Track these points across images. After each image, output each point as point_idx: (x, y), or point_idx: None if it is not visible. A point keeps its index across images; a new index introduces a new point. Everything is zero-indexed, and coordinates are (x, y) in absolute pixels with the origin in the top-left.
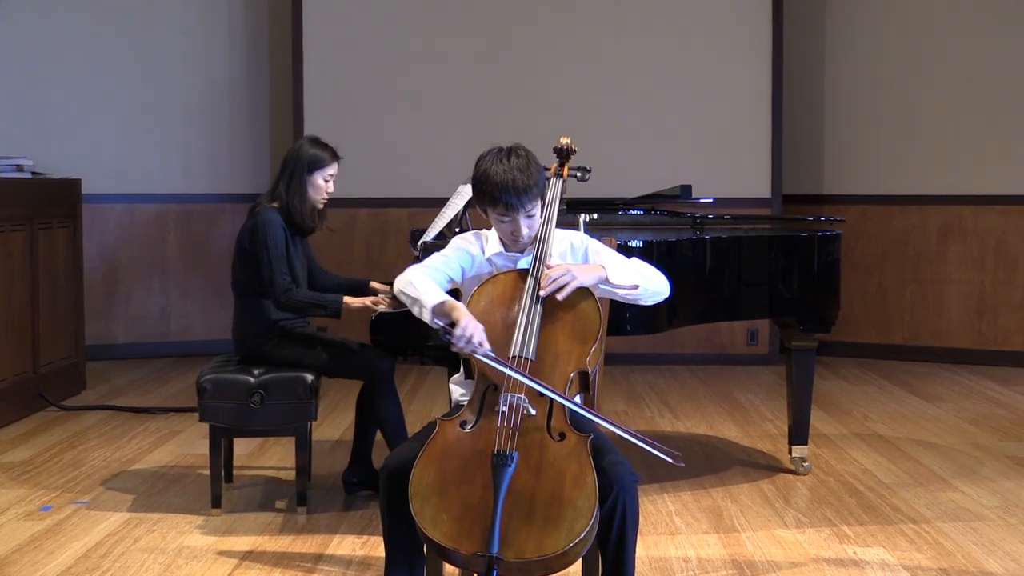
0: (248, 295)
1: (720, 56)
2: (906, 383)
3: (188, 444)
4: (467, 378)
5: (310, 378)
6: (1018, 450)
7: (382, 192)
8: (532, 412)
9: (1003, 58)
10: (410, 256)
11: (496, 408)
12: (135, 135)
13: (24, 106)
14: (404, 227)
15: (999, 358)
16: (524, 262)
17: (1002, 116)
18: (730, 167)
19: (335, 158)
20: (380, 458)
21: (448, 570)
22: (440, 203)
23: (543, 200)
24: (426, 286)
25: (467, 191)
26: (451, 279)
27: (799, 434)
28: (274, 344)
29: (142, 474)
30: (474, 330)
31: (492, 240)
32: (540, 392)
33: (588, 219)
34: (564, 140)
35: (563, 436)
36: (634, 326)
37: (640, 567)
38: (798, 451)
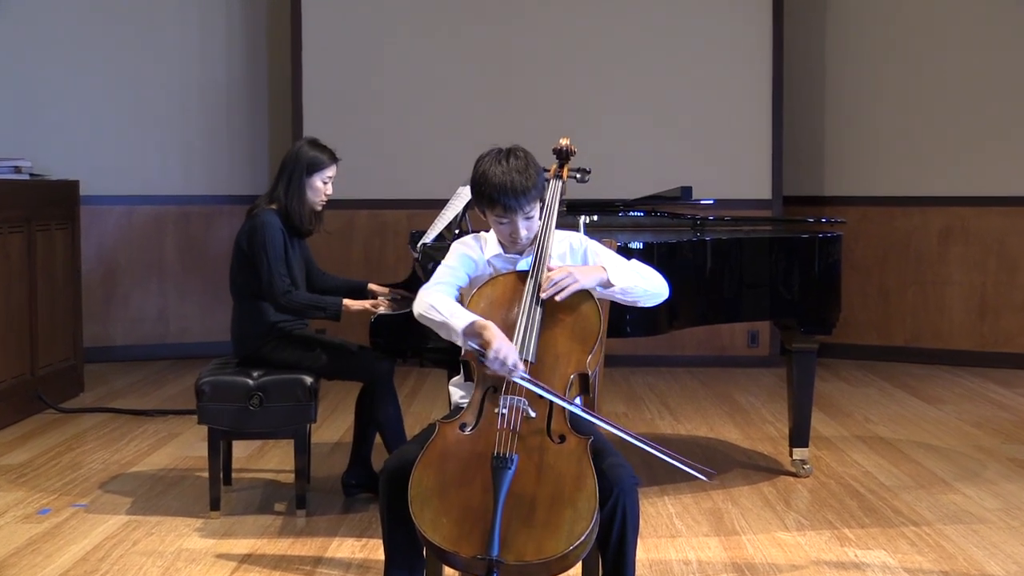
0: (247, 297)
1: (720, 57)
2: (907, 385)
3: (187, 446)
4: (467, 380)
5: (309, 380)
6: (1020, 452)
7: (381, 194)
8: (532, 414)
9: (1004, 59)
10: (409, 258)
11: (496, 410)
12: (133, 136)
13: (22, 107)
14: (403, 229)
15: (1001, 360)
16: (523, 264)
17: (1003, 117)
18: (731, 168)
19: (334, 160)
20: (379, 460)
21: (448, 573)
22: (439, 205)
23: (542, 201)
24: (450, 307)
25: (466, 193)
26: (460, 288)
27: (800, 436)
28: (273, 346)
29: (141, 477)
30: (507, 352)
31: (491, 242)
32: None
33: (588, 220)
34: (564, 141)
35: (563, 438)
36: (634, 328)
37: (640, 570)
38: (799, 453)
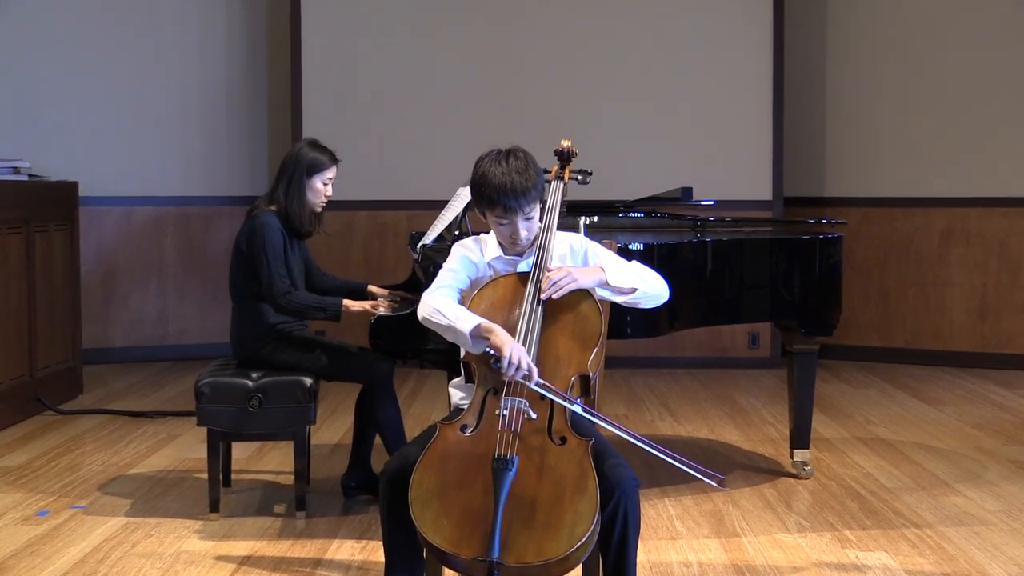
0: (246, 299)
1: (721, 58)
2: (908, 386)
3: (186, 448)
4: (467, 382)
5: (309, 382)
6: (1021, 454)
7: (381, 195)
8: (533, 416)
9: (1006, 59)
10: (409, 259)
11: (497, 412)
12: (133, 137)
13: (21, 108)
14: (403, 230)
15: (1002, 361)
16: (524, 265)
17: (1005, 118)
18: (731, 169)
19: (334, 161)
20: (379, 462)
21: (448, 575)
22: (439, 206)
23: (542, 202)
24: (455, 311)
25: (466, 194)
26: (462, 291)
27: (800, 438)
28: (272, 348)
29: (140, 478)
30: (520, 356)
31: (491, 244)
32: (543, 397)
33: (588, 222)
34: (565, 143)
35: (564, 440)
36: (635, 329)
37: (641, 572)
38: (800, 455)
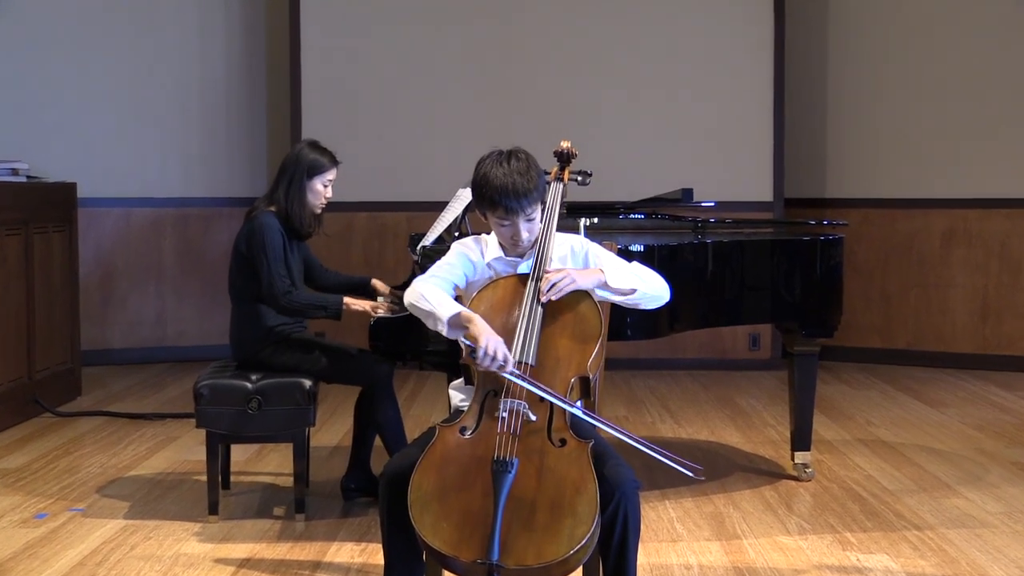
0: (246, 300)
1: (722, 59)
2: (909, 388)
3: (185, 450)
4: (467, 384)
5: (308, 384)
6: (1022, 456)
7: (380, 196)
8: (532, 418)
9: (1007, 60)
10: (409, 260)
11: (496, 414)
12: (131, 138)
13: (19, 109)
14: (403, 231)
15: (1003, 363)
16: (524, 266)
17: (1006, 119)
18: (732, 170)
19: (335, 163)
20: (379, 464)
21: None
22: (439, 207)
23: (543, 204)
24: (439, 298)
25: (466, 195)
26: (456, 286)
27: (801, 440)
28: (272, 350)
29: (138, 481)
30: (496, 346)
31: (491, 245)
32: (543, 399)
33: (589, 223)
34: (565, 144)
35: (564, 442)
36: (635, 331)
37: (641, 574)
38: (801, 457)
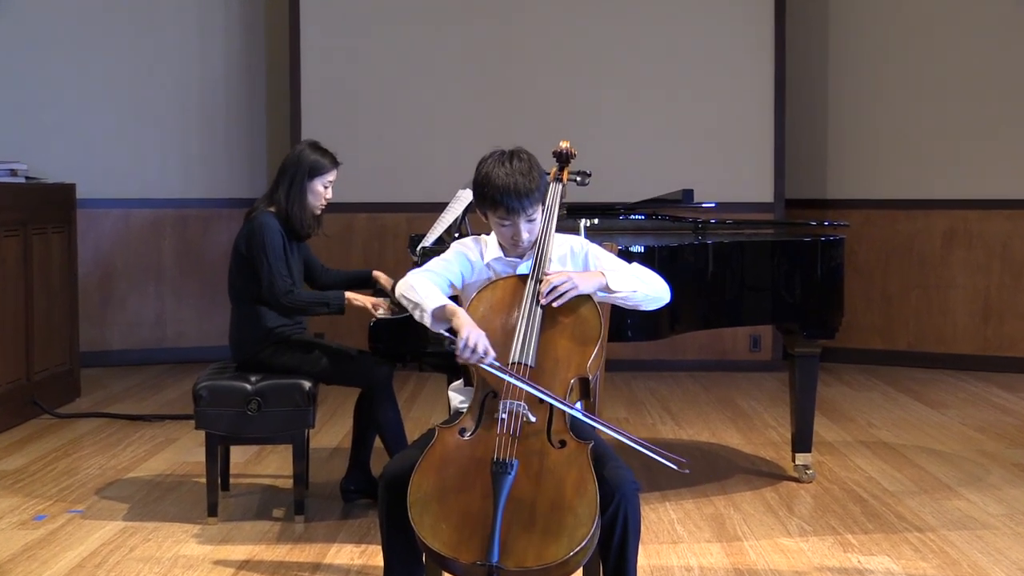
0: (245, 301)
1: (722, 59)
2: (910, 389)
3: (184, 452)
4: (466, 385)
5: (308, 385)
6: None
7: (380, 197)
8: (532, 419)
9: (1008, 61)
10: (409, 261)
11: (496, 415)
12: (130, 139)
13: (18, 110)
14: (403, 232)
15: (1005, 364)
16: (524, 267)
17: (1008, 119)
18: (732, 171)
19: (335, 164)
20: (378, 466)
21: None
22: (439, 208)
23: (544, 204)
24: (427, 290)
25: (467, 196)
26: (452, 283)
27: (802, 441)
28: (271, 351)
29: (138, 482)
30: (477, 339)
31: (491, 245)
32: (542, 399)
33: (589, 224)
34: (564, 144)
35: (563, 443)
36: (636, 332)
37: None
38: (801, 458)
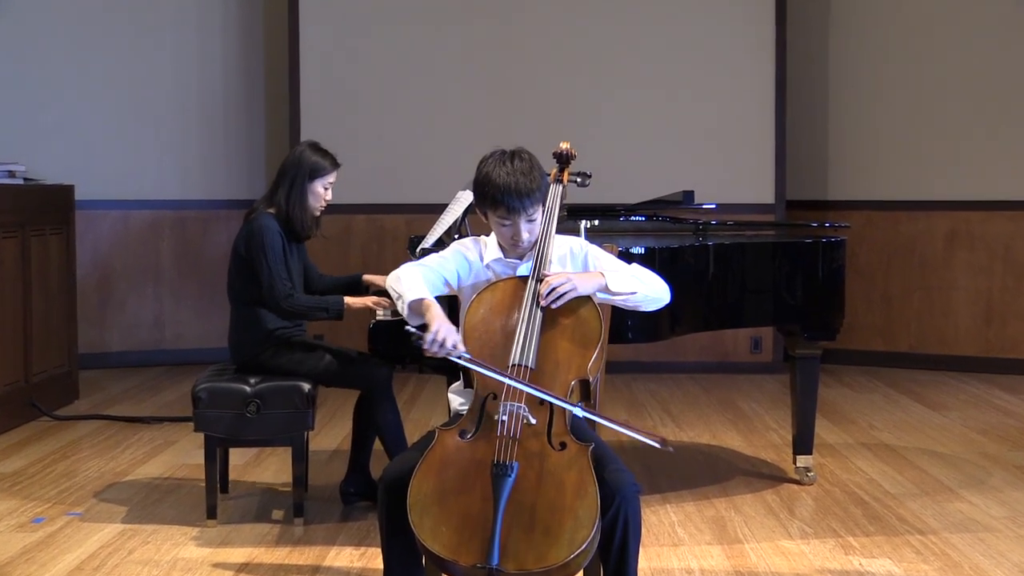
0: (245, 303)
1: (723, 60)
2: (912, 391)
3: (183, 454)
4: (466, 387)
5: (307, 387)
6: None
7: (379, 198)
8: (532, 421)
9: (1009, 61)
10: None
11: (496, 417)
12: (129, 140)
13: (16, 111)
14: (402, 234)
15: (1007, 366)
16: (523, 268)
17: (1009, 120)
18: (733, 172)
19: (335, 165)
20: (378, 468)
21: None
22: (439, 209)
23: (544, 205)
24: (412, 283)
25: (466, 197)
26: (447, 281)
27: (803, 443)
28: (271, 353)
29: (136, 485)
30: (447, 333)
31: (491, 246)
32: (542, 400)
33: (589, 225)
34: (564, 145)
35: (564, 445)
36: (636, 334)
37: None
38: (802, 461)
